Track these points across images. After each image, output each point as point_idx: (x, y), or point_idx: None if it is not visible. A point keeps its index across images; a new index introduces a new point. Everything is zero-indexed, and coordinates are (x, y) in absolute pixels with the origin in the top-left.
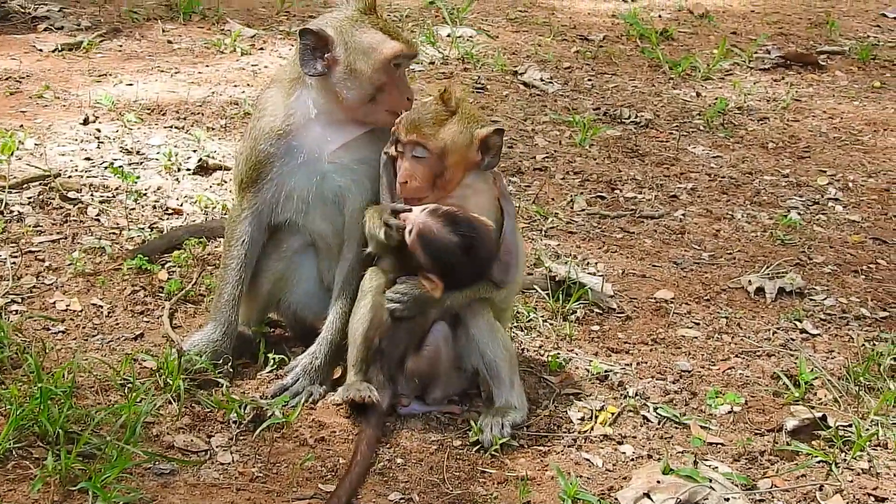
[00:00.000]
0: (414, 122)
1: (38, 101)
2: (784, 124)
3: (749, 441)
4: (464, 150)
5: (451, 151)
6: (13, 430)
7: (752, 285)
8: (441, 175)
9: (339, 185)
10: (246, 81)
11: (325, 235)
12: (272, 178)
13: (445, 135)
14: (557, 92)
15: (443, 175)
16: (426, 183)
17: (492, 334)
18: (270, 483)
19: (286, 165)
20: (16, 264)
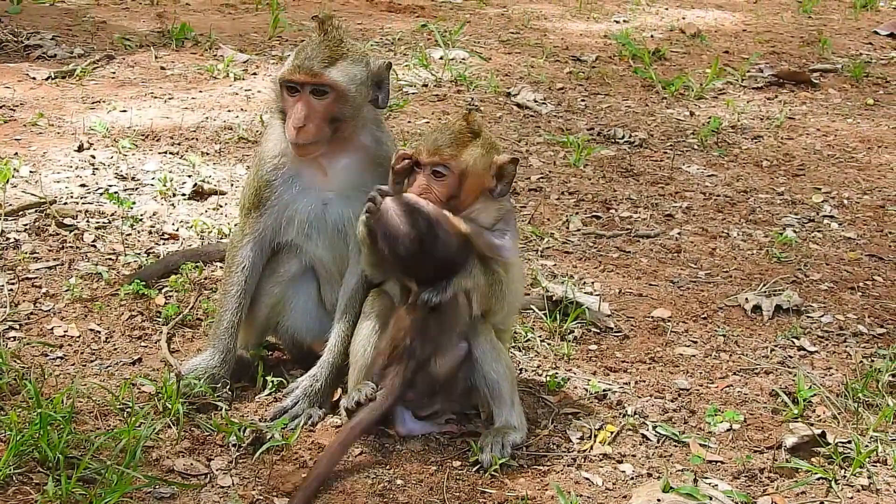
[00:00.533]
0: (437, 144)
1: (32, 128)
2: (778, 142)
3: (748, 458)
4: (481, 173)
5: (471, 174)
6: (13, 456)
7: (749, 303)
8: (456, 196)
9: (339, 213)
10: (240, 106)
11: (326, 261)
12: (274, 205)
13: (467, 156)
14: (551, 113)
15: (458, 196)
16: (440, 202)
17: (495, 354)
18: None
19: (287, 192)
20: (13, 291)
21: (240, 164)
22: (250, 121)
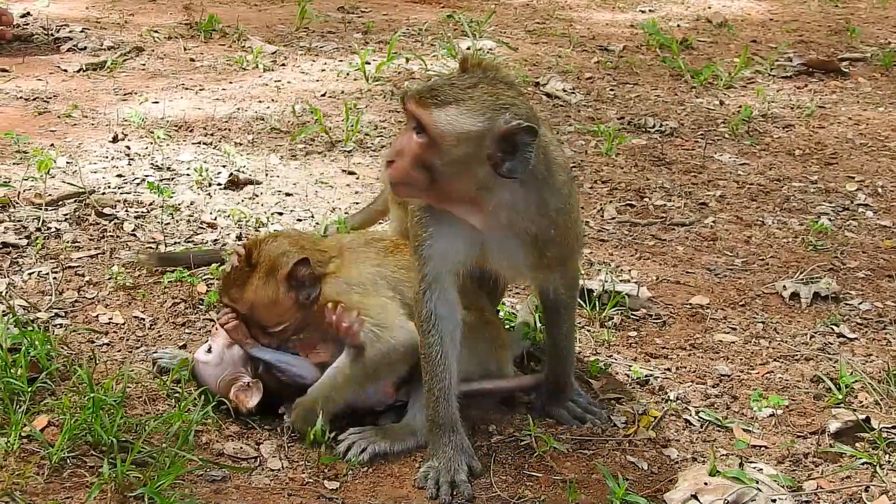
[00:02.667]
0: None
1: (66, 120)
2: (810, 131)
3: (792, 443)
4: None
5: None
6: (67, 440)
7: (787, 290)
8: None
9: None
10: (270, 97)
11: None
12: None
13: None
14: (580, 102)
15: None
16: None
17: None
18: (321, 487)
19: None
20: (57, 279)
21: (273, 154)
22: (281, 111)
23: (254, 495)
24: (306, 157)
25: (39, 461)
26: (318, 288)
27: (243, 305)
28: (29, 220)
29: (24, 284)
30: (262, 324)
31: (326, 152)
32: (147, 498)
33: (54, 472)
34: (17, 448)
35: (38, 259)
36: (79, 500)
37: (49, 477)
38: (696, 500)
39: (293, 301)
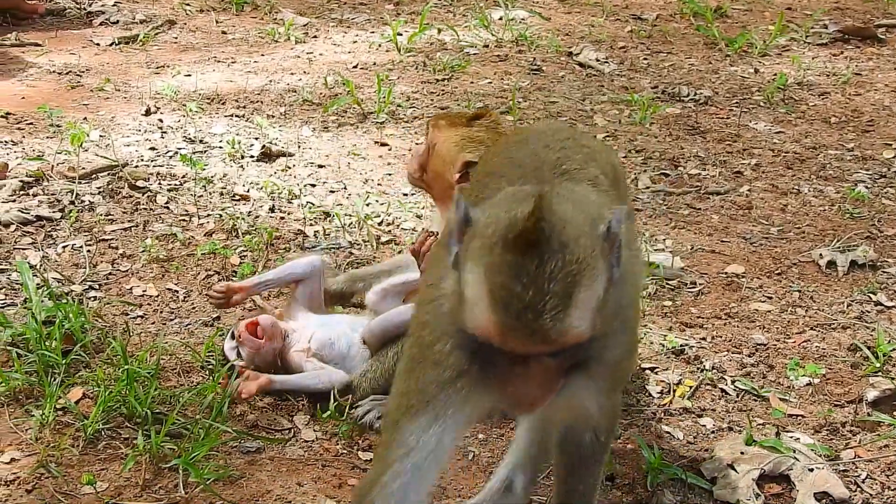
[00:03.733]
0: (442, 115)
1: (99, 93)
2: (846, 98)
3: (830, 412)
4: (445, 162)
5: (435, 154)
6: (102, 412)
7: (824, 259)
8: (425, 170)
9: None
10: (302, 69)
11: None
12: None
13: (442, 135)
14: (614, 72)
15: (427, 171)
16: (415, 169)
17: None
18: (355, 458)
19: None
20: (91, 252)
21: (305, 126)
22: (313, 83)
23: (288, 466)
24: (338, 128)
25: (74, 433)
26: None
27: (429, 137)
28: (63, 193)
29: (59, 257)
30: (422, 164)
31: (358, 124)
32: (181, 469)
33: (89, 443)
34: (52, 420)
35: (72, 232)
36: (114, 471)
37: (84, 448)
38: (733, 470)
39: (455, 182)
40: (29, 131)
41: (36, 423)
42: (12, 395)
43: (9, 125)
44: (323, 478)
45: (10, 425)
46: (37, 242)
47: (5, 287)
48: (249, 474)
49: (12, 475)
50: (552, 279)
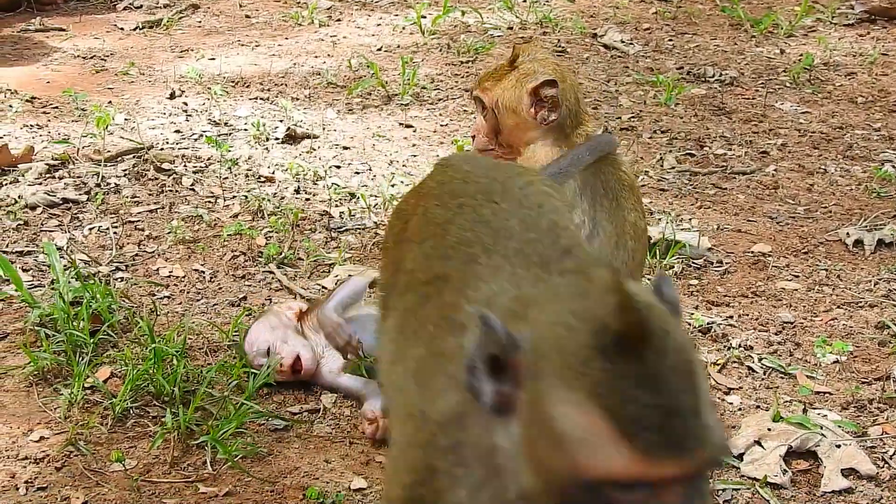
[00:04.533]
0: (481, 76)
1: (123, 77)
2: (872, 79)
3: (857, 389)
4: (516, 105)
5: (504, 107)
6: (130, 391)
7: (851, 238)
8: (500, 132)
9: None
10: (326, 52)
11: None
12: None
13: (499, 89)
14: (639, 53)
15: (502, 132)
16: (489, 138)
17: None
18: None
19: None
20: (117, 234)
21: (330, 109)
22: (337, 66)
23: (315, 444)
24: (363, 111)
25: (103, 412)
26: (557, 114)
27: (489, 99)
28: (88, 175)
29: (85, 239)
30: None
31: (383, 106)
32: (210, 446)
33: (117, 421)
34: (80, 399)
35: (98, 214)
36: (142, 448)
37: (112, 427)
38: (760, 446)
39: (532, 117)
40: (54, 115)
41: (64, 401)
42: (41, 375)
43: (34, 109)
44: (350, 455)
45: (39, 404)
46: (63, 224)
47: (32, 269)
48: (277, 451)
49: (42, 453)
50: (683, 373)
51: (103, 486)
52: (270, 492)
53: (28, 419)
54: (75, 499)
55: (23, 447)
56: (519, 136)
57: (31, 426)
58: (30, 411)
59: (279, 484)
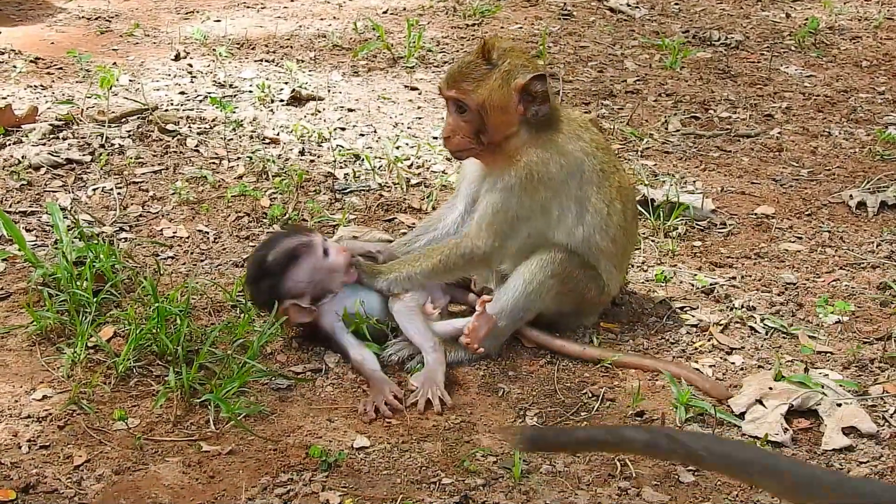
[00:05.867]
0: (453, 77)
1: (128, 39)
2: (877, 43)
3: (858, 349)
4: (505, 104)
5: (491, 107)
6: (133, 350)
7: (854, 200)
8: (484, 132)
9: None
10: (332, 15)
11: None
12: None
13: (483, 90)
14: (644, 16)
15: (486, 131)
16: (468, 139)
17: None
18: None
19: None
20: (121, 194)
21: (335, 71)
22: (343, 28)
23: (319, 403)
24: (368, 73)
25: (106, 371)
26: (547, 107)
27: (473, 101)
28: (92, 136)
29: (89, 199)
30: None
31: (388, 68)
32: (213, 405)
33: (120, 381)
34: (83, 358)
35: (102, 175)
36: (145, 407)
37: (115, 386)
38: (761, 405)
39: (521, 114)
40: (58, 76)
41: (67, 360)
42: (44, 334)
43: (38, 70)
44: (353, 414)
45: (42, 363)
46: (67, 185)
47: (36, 228)
48: (280, 411)
49: (45, 412)
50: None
51: (106, 445)
52: (273, 450)
53: (31, 378)
54: (78, 457)
55: (25, 406)
56: (503, 132)
57: (34, 385)
58: (33, 370)
59: (282, 443)
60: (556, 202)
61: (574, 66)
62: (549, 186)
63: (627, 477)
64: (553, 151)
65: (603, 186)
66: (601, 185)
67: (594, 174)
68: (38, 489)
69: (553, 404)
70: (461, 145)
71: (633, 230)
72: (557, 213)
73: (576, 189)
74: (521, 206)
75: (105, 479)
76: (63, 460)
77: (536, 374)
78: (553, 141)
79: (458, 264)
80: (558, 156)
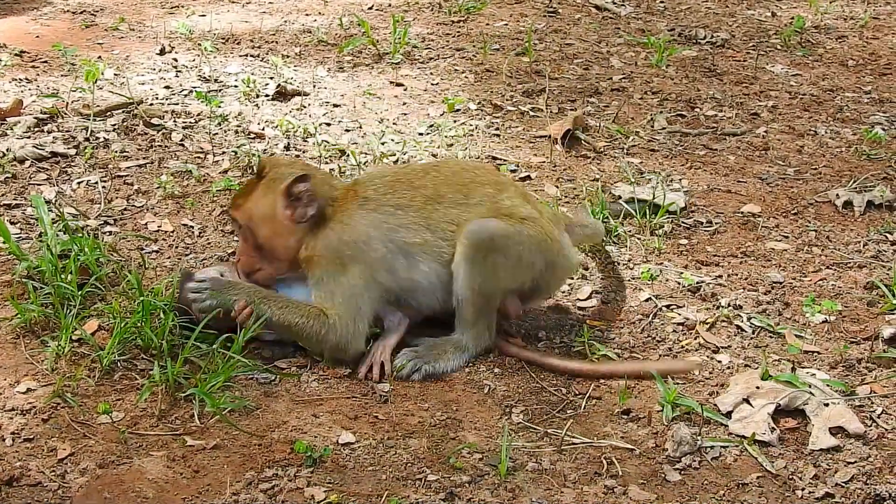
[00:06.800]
0: (234, 197)
1: (113, 33)
2: (863, 42)
3: (846, 349)
4: (271, 213)
5: (259, 219)
6: (117, 343)
7: (840, 199)
8: (263, 247)
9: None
10: (317, 10)
11: None
12: None
13: (249, 205)
14: (630, 14)
15: (265, 246)
16: (251, 257)
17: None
18: (370, 391)
19: None
20: (106, 188)
21: (320, 67)
22: (328, 24)
23: (304, 398)
24: (354, 69)
25: (90, 364)
26: (315, 208)
27: (244, 215)
28: (77, 130)
29: (74, 193)
30: (256, 245)
31: (374, 64)
32: (198, 399)
33: (105, 374)
34: (67, 351)
35: (87, 168)
36: (130, 401)
37: (100, 379)
38: (748, 404)
39: (289, 218)
40: (43, 69)
41: (51, 353)
42: (28, 327)
43: (23, 63)
44: (338, 410)
45: (27, 356)
46: (51, 178)
47: (20, 221)
48: (265, 406)
49: (28, 405)
50: None
51: (90, 438)
52: (258, 445)
53: (15, 371)
54: (62, 450)
55: (9, 398)
56: (282, 244)
57: (17, 378)
58: (17, 363)
59: (267, 437)
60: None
61: (560, 63)
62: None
63: (614, 475)
64: (340, 232)
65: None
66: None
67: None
68: (22, 482)
69: (539, 402)
70: (247, 266)
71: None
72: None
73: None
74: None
75: (89, 472)
76: (47, 453)
77: (522, 371)
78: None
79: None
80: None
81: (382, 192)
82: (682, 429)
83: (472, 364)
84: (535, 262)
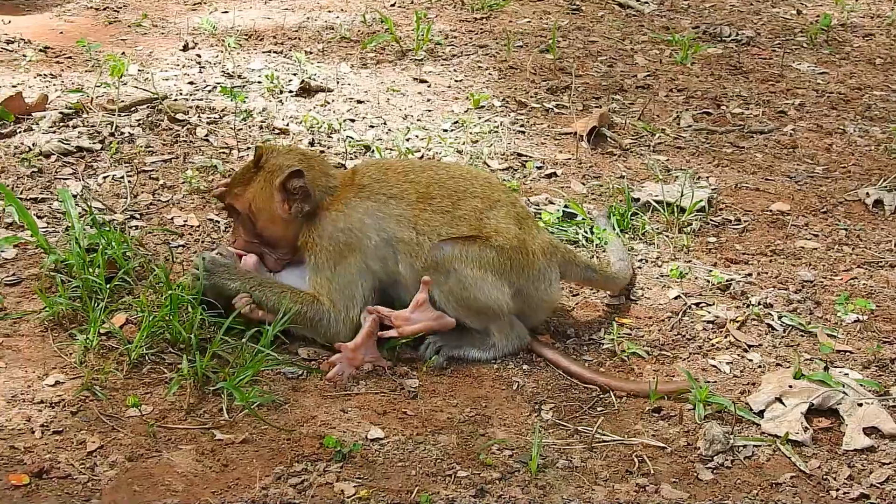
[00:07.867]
0: (229, 184)
1: (136, 29)
2: (890, 40)
3: (879, 349)
4: (269, 205)
5: (258, 209)
6: (145, 337)
7: (870, 198)
8: (261, 234)
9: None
10: (339, 7)
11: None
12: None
13: (249, 194)
14: (654, 12)
15: (263, 234)
16: (252, 243)
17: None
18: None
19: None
20: (132, 182)
21: (344, 63)
22: (351, 21)
23: (332, 393)
24: (377, 65)
25: (118, 357)
26: (310, 203)
27: (242, 204)
28: (102, 125)
29: (99, 188)
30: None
31: (397, 61)
32: (226, 393)
33: (133, 368)
34: (96, 344)
35: (113, 163)
36: (158, 395)
37: (128, 373)
38: (781, 403)
39: (287, 212)
40: (67, 65)
41: (80, 346)
42: (56, 320)
43: (48, 59)
44: (367, 405)
45: (55, 349)
46: (77, 173)
47: (47, 215)
48: (294, 400)
49: (57, 398)
50: None
51: (119, 431)
52: (287, 440)
53: (44, 364)
54: (91, 443)
55: (38, 391)
56: (281, 233)
57: (46, 371)
58: (45, 356)
59: (296, 432)
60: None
61: (584, 60)
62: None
63: (646, 473)
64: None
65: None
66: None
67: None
68: (52, 474)
69: (568, 399)
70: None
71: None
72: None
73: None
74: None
75: (118, 465)
76: (76, 446)
77: (551, 368)
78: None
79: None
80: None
81: (377, 180)
82: (714, 427)
83: (500, 361)
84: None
